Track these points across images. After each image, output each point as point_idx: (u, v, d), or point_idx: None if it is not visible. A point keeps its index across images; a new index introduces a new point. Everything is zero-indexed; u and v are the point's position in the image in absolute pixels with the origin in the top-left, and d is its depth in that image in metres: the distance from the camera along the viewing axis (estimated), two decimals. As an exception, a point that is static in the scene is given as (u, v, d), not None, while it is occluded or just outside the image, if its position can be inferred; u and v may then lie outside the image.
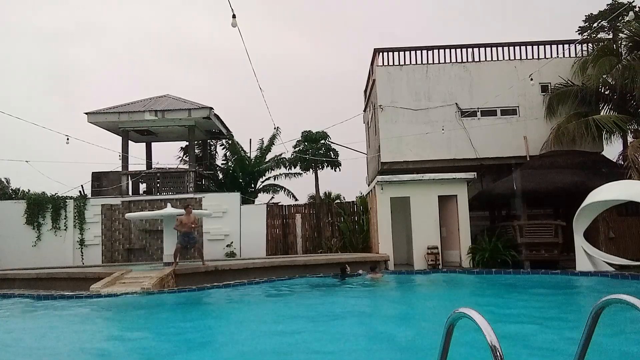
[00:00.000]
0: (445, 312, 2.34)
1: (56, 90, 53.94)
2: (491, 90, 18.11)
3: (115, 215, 19.30)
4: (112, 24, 56.62)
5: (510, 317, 7.98)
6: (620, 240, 14.82)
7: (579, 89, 17.50)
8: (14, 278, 14.68)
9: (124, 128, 20.36)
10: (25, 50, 50.92)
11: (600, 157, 17.25)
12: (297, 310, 9.59)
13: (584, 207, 12.91)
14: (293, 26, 62.87)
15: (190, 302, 10.89)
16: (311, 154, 21.93)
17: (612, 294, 2.39)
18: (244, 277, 13.62)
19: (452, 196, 16.05)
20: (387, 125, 18.48)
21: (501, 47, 18.92)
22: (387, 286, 13.14)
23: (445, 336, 2.34)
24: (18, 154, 36.56)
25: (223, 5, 8.54)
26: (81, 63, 55.02)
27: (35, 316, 9.87)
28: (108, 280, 12.16)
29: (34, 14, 51.57)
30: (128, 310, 9.94)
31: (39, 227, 19.08)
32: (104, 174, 20.35)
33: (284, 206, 20.80)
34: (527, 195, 15.55)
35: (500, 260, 14.75)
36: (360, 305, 10.04)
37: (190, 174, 20.12)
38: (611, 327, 5.58)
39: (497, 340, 1.97)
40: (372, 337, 7.06)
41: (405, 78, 18.68)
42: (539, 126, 18.09)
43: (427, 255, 15.31)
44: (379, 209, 16.21)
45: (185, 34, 58.59)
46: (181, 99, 21.27)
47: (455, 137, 18.24)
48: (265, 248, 19.23)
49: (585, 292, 11.23)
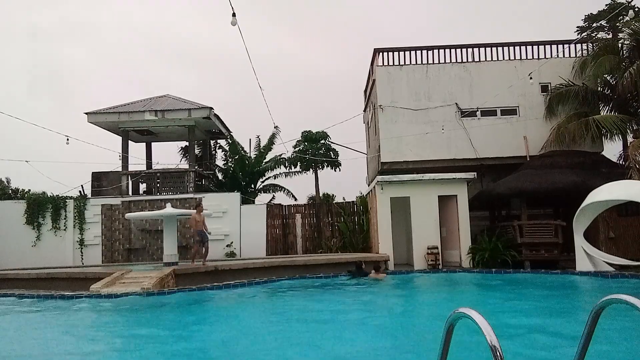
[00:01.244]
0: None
1: (46, 89, 53.47)
2: (491, 90, 18.11)
3: (115, 215, 19.30)
4: (105, 23, 56.61)
5: (510, 317, 7.98)
6: (620, 240, 14.81)
7: (579, 89, 17.49)
8: (14, 278, 14.68)
9: (124, 128, 20.36)
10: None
11: (600, 157, 17.25)
12: (308, 313, 9.55)
13: (584, 207, 12.91)
14: (293, 26, 62.88)
15: (190, 302, 10.88)
16: (311, 154, 21.95)
17: (612, 294, 2.39)
18: (244, 277, 13.62)
19: (452, 196, 16.04)
20: (387, 125, 18.47)
21: (501, 47, 18.92)
22: (393, 287, 13.09)
23: (445, 336, 2.34)
24: (18, 154, 36.60)
25: (223, 5, 8.55)
26: (71, 62, 54.81)
27: (35, 316, 9.86)
28: (108, 280, 12.16)
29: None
30: (128, 310, 9.93)
31: (39, 227, 19.08)
32: (104, 174, 20.35)
33: (284, 206, 20.80)
34: (527, 195, 15.55)
35: (500, 260, 14.75)
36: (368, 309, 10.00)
37: (190, 174, 20.12)
38: (611, 327, 5.58)
39: (497, 340, 1.97)
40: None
41: (405, 78, 18.67)
42: (539, 126, 18.09)
43: (427, 255, 15.30)
44: (379, 209, 16.21)
45: (186, 34, 58.61)
46: (181, 99, 21.27)
47: (455, 137, 18.23)
48: (265, 248, 19.23)
49: (585, 292, 11.23)
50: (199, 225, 14.32)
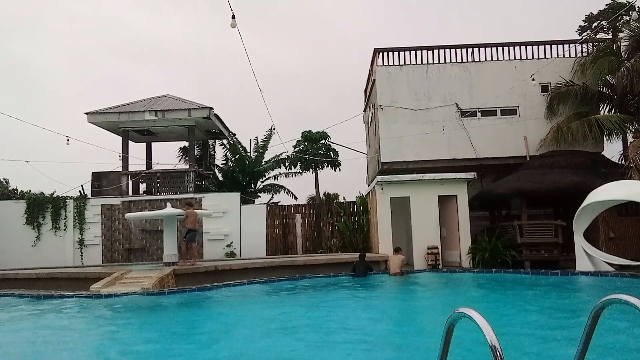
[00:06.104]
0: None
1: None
2: (491, 90, 18.11)
3: (115, 215, 19.30)
4: (106, 23, 56.63)
5: (510, 317, 7.98)
6: (620, 240, 14.81)
7: (579, 89, 17.49)
8: (14, 278, 14.68)
9: (124, 128, 20.36)
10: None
11: (600, 157, 17.25)
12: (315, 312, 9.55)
13: (584, 207, 12.90)
14: (293, 26, 62.87)
15: (190, 302, 10.87)
16: (311, 154, 21.95)
17: (612, 294, 2.40)
18: (244, 277, 13.62)
19: (452, 196, 16.04)
20: (387, 125, 18.47)
21: (501, 47, 18.91)
22: (394, 288, 13.09)
23: (445, 336, 2.34)
24: (18, 154, 36.62)
25: (222, 4, 8.54)
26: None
27: (35, 316, 9.86)
28: (108, 280, 12.16)
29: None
30: (128, 310, 9.93)
31: (38, 227, 19.07)
32: (104, 174, 20.34)
33: (284, 206, 20.80)
34: (527, 195, 15.54)
35: (500, 260, 14.75)
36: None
37: (190, 174, 20.12)
38: (611, 327, 5.58)
39: (497, 340, 1.97)
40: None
41: (405, 78, 18.66)
42: (539, 126, 18.09)
43: (427, 255, 15.30)
44: (379, 209, 16.21)
45: (184, 34, 58.62)
46: (181, 99, 21.27)
47: (455, 137, 18.23)
48: (265, 248, 19.24)
49: (584, 292, 11.23)
50: (192, 222, 14.38)
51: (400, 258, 14.36)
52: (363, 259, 14.33)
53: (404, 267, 14.52)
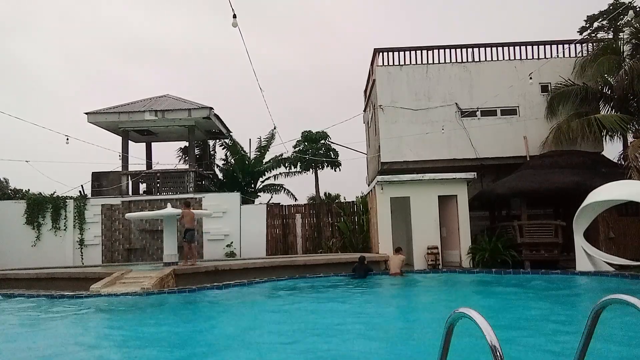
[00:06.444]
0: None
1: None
2: (491, 90, 18.10)
3: (115, 215, 19.30)
4: (105, 21, 56.64)
5: (509, 317, 7.98)
6: (620, 240, 14.80)
7: (579, 89, 17.48)
8: (14, 278, 14.67)
9: (124, 128, 20.37)
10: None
11: (600, 157, 17.24)
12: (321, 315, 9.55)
13: (583, 207, 12.90)
14: (293, 26, 62.87)
15: (190, 302, 10.87)
16: (311, 154, 21.95)
17: (612, 294, 2.40)
18: (244, 277, 13.62)
19: (452, 196, 16.04)
20: (387, 125, 18.46)
21: (501, 47, 18.90)
22: (395, 289, 13.10)
23: (445, 336, 2.34)
24: (18, 153, 36.62)
25: (222, 4, 8.54)
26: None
27: (35, 316, 9.85)
28: (108, 280, 12.16)
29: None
30: (128, 310, 9.92)
31: (38, 227, 19.08)
32: (104, 174, 20.35)
33: (284, 206, 20.80)
34: (527, 195, 15.54)
35: (500, 260, 14.74)
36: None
37: (190, 174, 20.12)
38: (611, 327, 5.58)
39: (497, 340, 1.97)
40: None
41: (405, 78, 18.66)
42: (539, 126, 18.08)
43: (427, 255, 15.30)
44: (379, 209, 16.20)
45: (184, 34, 58.63)
46: (181, 99, 21.27)
47: (455, 137, 18.23)
48: (265, 248, 19.24)
49: (584, 292, 11.22)
50: (190, 221, 14.47)
51: (401, 258, 14.37)
52: (363, 262, 14.23)
53: (404, 267, 14.53)
